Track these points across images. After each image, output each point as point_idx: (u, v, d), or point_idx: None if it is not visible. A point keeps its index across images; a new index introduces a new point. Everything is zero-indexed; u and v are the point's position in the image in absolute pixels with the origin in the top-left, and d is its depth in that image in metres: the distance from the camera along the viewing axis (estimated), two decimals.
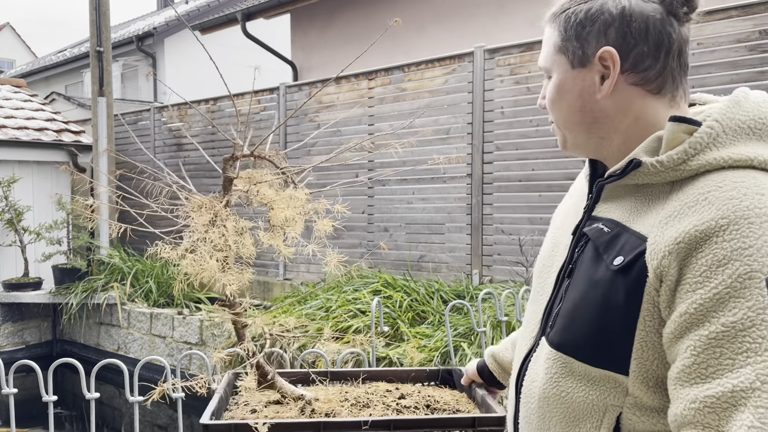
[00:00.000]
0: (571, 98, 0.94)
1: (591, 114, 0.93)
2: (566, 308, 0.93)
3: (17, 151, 7.69)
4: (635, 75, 0.90)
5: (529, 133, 4.85)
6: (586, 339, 0.89)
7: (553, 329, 0.95)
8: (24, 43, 29.51)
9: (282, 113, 6.72)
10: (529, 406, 0.98)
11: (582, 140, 0.97)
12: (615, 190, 0.93)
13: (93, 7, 7.56)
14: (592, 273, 0.89)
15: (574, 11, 0.93)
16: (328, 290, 5.31)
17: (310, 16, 8.58)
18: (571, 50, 0.93)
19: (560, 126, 0.99)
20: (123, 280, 7.05)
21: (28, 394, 5.04)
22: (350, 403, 1.29)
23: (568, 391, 0.91)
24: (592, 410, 0.88)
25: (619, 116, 0.92)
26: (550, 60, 0.97)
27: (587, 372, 0.89)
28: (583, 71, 0.92)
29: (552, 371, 0.93)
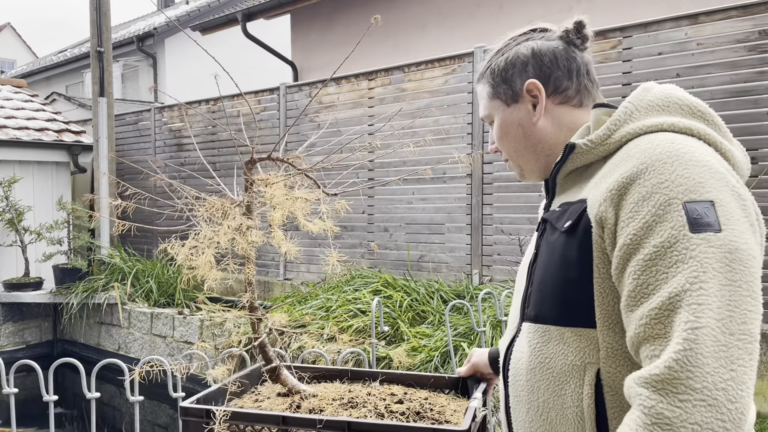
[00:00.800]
0: (513, 129, 1.13)
1: (533, 137, 1.11)
2: (536, 284, 1.05)
3: (18, 151, 7.70)
4: (559, 96, 1.10)
5: None
6: (555, 302, 0.99)
7: (528, 307, 1.06)
8: (25, 43, 29.53)
9: (282, 113, 6.72)
10: (518, 384, 1.06)
11: (533, 163, 1.14)
12: (565, 182, 1.08)
13: (93, 8, 7.56)
14: (549, 243, 1.03)
15: (495, 64, 1.14)
16: (328, 290, 5.31)
17: (311, 16, 8.58)
18: (503, 92, 1.13)
19: (513, 157, 1.16)
20: (123, 279, 7.06)
21: (28, 394, 5.05)
22: (339, 402, 1.30)
23: (550, 356, 0.99)
24: (573, 370, 0.96)
25: (556, 131, 1.10)
26: (488, 108, 1.16)
27: (562, 335, 0.98)
28: (517, 105, 1.12)
29: (533, 342, 1.02)
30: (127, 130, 8.63)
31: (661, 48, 4.22)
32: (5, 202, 7.17)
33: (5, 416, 5.58)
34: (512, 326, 1.14)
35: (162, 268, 7.26)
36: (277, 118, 6.78)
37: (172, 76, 12.83)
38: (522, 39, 1.14)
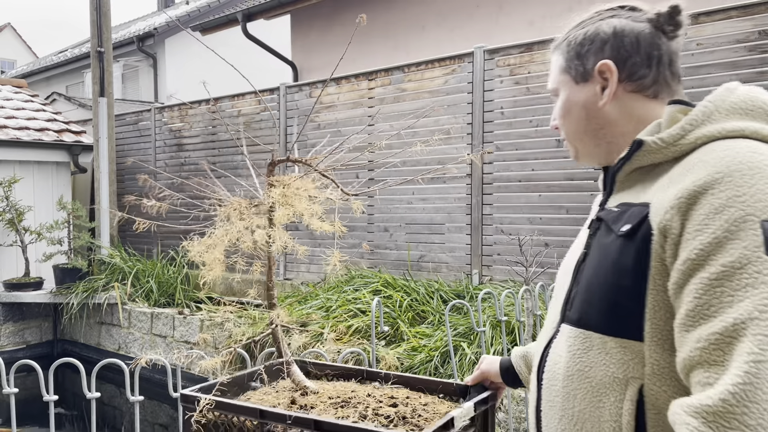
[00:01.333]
0: (577, 110, 1.06)
1: (596, 121, 1.04)
2: (582, 285, 0.98)
3: (18, 151, 7.70)
4: (632, 83, 1.01)
5: (529, 134, 4.86)
6: (601, 309, 0.92)
7: (571, 309, 1.00)
8: (25, 43, 29.54)
9: (282, 113, 6.73)
10: (553, 389, 1.00)
11: (591, 147, 1.07)
12: (627, 179, 1.00)
13: (94, 8, 7.57)
14: (603, 245, 0.96)
15: (573, 36, 1.07)
16: (328, 290, 5.31)
17: (311, 16, 8.58)
18: (574, 68, 1.06)
19: (571, 138, 1.10)
20: (124, 279, 7.06)
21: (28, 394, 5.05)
22: (334, 401, 1.31)
23: (591, 365, 0.93)
24: (614, 383, 0.90)
25: (623, 120, 1.02)
26: (557, 81, 1.10)
27: (605, 344, 0.91)
28: (586, 85, 1.04)
29: (574, 348, 0.96)
30: (128, 130, 8.63)
31: None
32: (5, 202, 7.17)
33: (6, 416, 5.59)
34: (551, 326, 1.08)
35: (162, 268, 7.26)
36: (277, 118, 6.78)
37: (172, 76, 12.83)
38: (607, 15, 1.05)
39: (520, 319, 2.87)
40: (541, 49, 4.82)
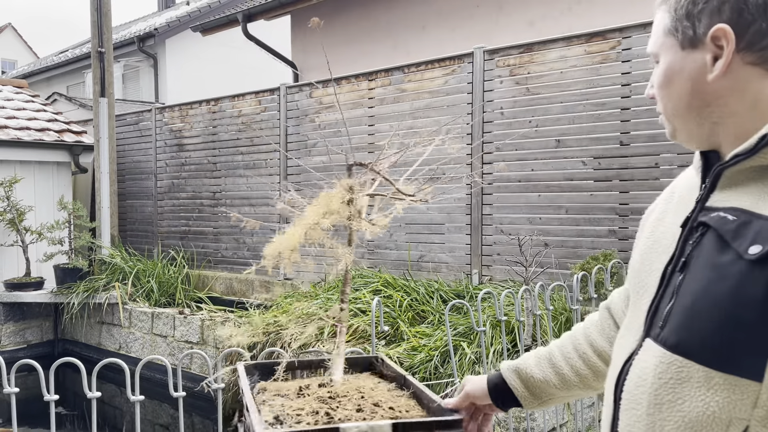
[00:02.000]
0: (680, 81, 0.88)
1: (702, 97, 0.87)
2: (683, 304, 0.83)
3: (19, 151, 7.71)
4: (753, 54, 0.83)
5: (529, 134, 4.86)
6: (710, 339, 0.79)
7: (664, 329, 0.85)
8: (26, 43, 29.56)
9: (283, 114, 6.73)
10: (634, 413, 0.88)
11: (693, 127, 0.90)
12: (735, 176, 0.84)
13: (94, 8, 7.58)
14: (718, 264, 0.80)
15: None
16: (328, 290, 5.32)
17: (311, 17, 8.54)
18: (681, 30, 0.87)
19: (668, 114, 0.92)
20: (124, 279, 7.08)
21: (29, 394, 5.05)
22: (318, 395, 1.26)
23: (685, 398, 0.81)
24: (713, 422, 0.78)
25: (735, 98, 0.84)
26: (659, 44, 0.92)
27: (709, 377, 0.78)
28: (694, 52, 0.86)
29: (666, 376, 0.83)
30: (128, 130, 8.64)
31: None
32: (6, 202, 7.19)
33: (6, 416, 5.60)
34: (632, 337, 0.93)
35: (163, 267, 7.28)
36: (277, 119, 6.79)
37: (173, 76, 12.85)
38: None
39: (519, 318, 2.88)
40: (541, 49, 4.83)
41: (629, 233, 4.42)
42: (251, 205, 7.11)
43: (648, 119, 4.28)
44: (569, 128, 4.65)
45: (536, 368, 1.19)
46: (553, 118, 4.73)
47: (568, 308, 3.97)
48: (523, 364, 1.21)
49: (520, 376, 1.20)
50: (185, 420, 2.31)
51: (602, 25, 4.61)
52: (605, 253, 4.18)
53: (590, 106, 4.57)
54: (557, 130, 4.71)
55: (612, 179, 4.48)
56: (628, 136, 4.40)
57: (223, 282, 7.24)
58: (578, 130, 4.61)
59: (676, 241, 0.89)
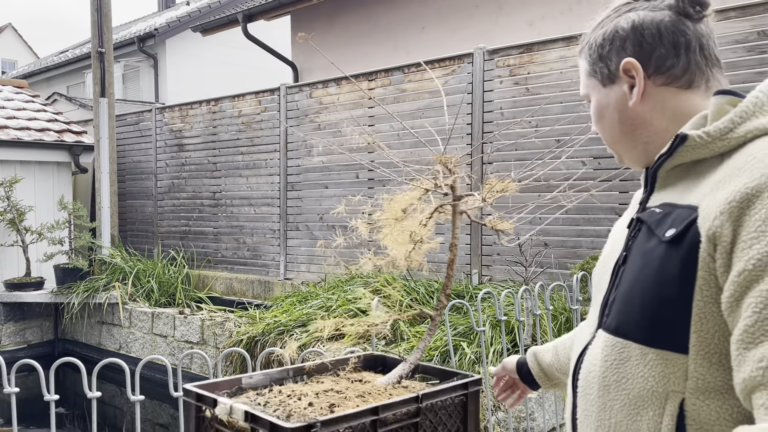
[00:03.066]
0: (608, 113, 1.01)
1: (630, 122, 0.98)
2: (621, 291, 0.92)
3: (19, 151, 7.71)
4: (661, 76, 0.95)
5: (529, 134, 4.86)
6: (642, 318, 0.86)
7: (608, 316, 0.94)
8: (26, 43, 29.56)
9: (283, 114, 6.74)
10: (588, 398, 0.95)
11: (630, 150, 1.01)
12: (668, 177, 0.93)
13: (95, 8, 7.58)
14: (645, 251, 0.89)
15: (594, 38, 1.02)
16: (328, 290, 5.32)
17: (311, 17, 8.59)
18: (599, 71, 1.01)
19: (609, 143, 1.04)
20: (124, 279, 7.08)
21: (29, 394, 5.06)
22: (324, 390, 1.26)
23: (628, 377, 0.88)
24: (653, 397, 0.85)
25: (657, 117, 0.96)
26: (585, 86, 1.05)
27: (645, 355, 0.86)
28: (613, 86, 0.99)
29: (610, 358, 0.91)
30: (128, 130, 8.65)
31: None
32: (6, 202, 7.19)
33: (6, 416, 5.60)
34: (588, 330, 1.02)
35: (163, 267, 7.28)
36: (277, 119, 6.80)
37: (173, 76, 12.85)
38: (624, 9, 0.99)
39: (519, 318, 2.88)
40: (540, 50, 4.83)
41: None
42: (251, 205, 7.12)
43: None
44: (569, 128, 4.65)
45: (547, 354, 1.38)
46: (553, 118, 4.73)
47: (568, 308, 3.97)
48: (540, 348, 1.41)
49: (537, 359, 1.41)
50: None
51: None
52: None
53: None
54: (557, 130, 4.71)
55: (612, 179, 4.49)
56: None
57: (223, 282, 7.25)
58: (578, 130, 4.61)
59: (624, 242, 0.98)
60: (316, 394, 1.23)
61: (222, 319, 5.93)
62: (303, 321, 4.78)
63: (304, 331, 4.59)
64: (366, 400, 1.20)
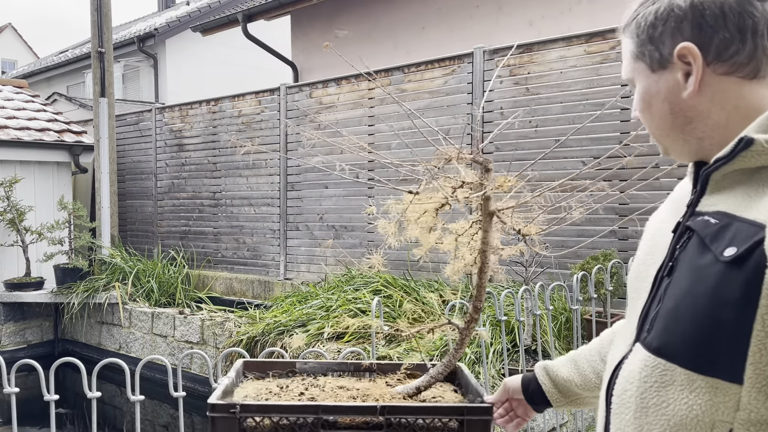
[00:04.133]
0: (658, 102, 0.89)
1: (683, 115, 0.87)
2: (666, 308, 0.83)
3: (19, 151, 7.71)
4: (723, 64, 0.83)
5: (529, 134, 4.86)
6: (691, 342, 0.78)
7: (650, 333, 0.85)
8: (26, 43, 29.56)
9: (283, 114, 6.73)
10: (623, 417, 0.88)
11: (680, 144, 0.90)
12: (723, 180, 0.84)
13: (94, 8, 7.58)
14: (698, 267, 0.80)
15: (643, 15, 0.88)
16: (328, 290, 5.32)
17: (311, 17, 8.59)
18: (648, 54, 0.88)
19: (655, 135, 0.94)
20: (124, 279, 7.08)
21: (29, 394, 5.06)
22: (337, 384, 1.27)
23: (669, 402, 0.80)
24: (697, 425, 0.78)
25: (715, 110, 0.84)
26: (630, 70, 0.93)
27: (691, 380, 0.78)
28: (665, 73, 0.87)
29: (651, 380, 0.83)
30: (128, 130, 8.65)
31: None
32: (6, 202, 7.19)
33: (6, 416, 5.60)
34: (625, 342, 0.93)
35: (163, 267, 7.28)
36: (277, 119, 6.79)
37: (172, 76, 12.85)
38: None
39: (519, 318, 2.88)
40: (540, 50, 4.83)
41: (629, 233, 4.42)
42: (251, 205, 7.12)
43: None
44: (569, 128, 4.65)
45: (563, 368, 1.23)
46: (553, 118, 4.73)
47: (568, 308, 3.98)
48: (553, 363, 1.26)
49: (548, 374, 1.25)
50: (185, 420, 2.32)
51: (602, 25, 4.61)
52: (605, 253, 4.18)
53: (590, 106, 4.57)
54: (557, 130, 4.71)
55: (612, 179, 4.49)
56: (628, 136, 4.40)
57: (223, 282, 7.25)
58: (578, 130, 4.61)
59: (668, 246, 0.89)
60: (332, 388, 1.23)
61: (222, 319, 5.93)
62: (303, 321, 4.77)
63: (305, 331, 4.59)
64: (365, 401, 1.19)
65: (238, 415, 1.01)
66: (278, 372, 1.29)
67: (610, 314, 3.76)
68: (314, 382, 1.28)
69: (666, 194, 1.05)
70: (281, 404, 1.04)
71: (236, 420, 1.01)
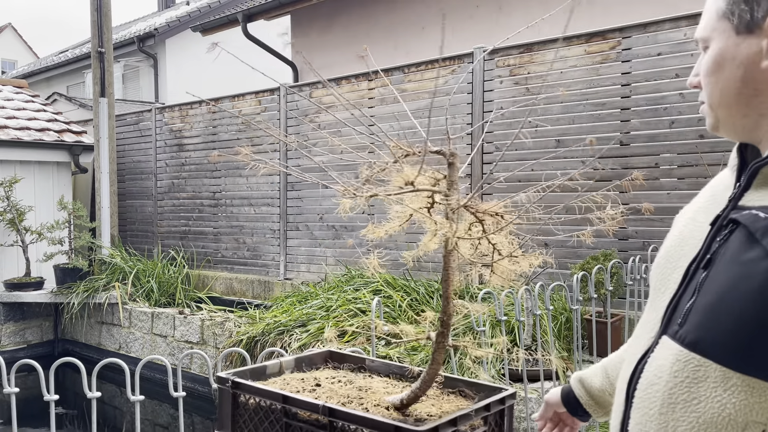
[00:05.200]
0: (731, 67, 0.84)
1: (753, 86, 0.83)
2: (705, 302, 0.80)
3: (19, 151, 7.71)
4: None
5: (529, 134, 4.86)
6: (732, 338, 0.76)
7: (683, 326, 0.82)
8: (26, 43, 29.57)
9: (283, 114, 6.73)
10: (647, 412, 0.85)
11: (738, 118, 0.86)
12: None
13: (94, 8, 7.58)
14: (745, 261, 0.77)
15: None
16: (328, 290, 5.32)
17: (311, 17, 8.59)
18: (738, 14, 0.83)
19: (714, 103, 0.88)
20: (124, 279, 7.08)
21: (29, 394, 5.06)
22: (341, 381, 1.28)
23: (701, 398, 0.78)
24: (728, 424, 0.76)
25: None
26: (710, 28, 0.87)
27: (727, 378, 0.76)
28: (749, 38, 0.82)
29: (682, 374, 0.80)
30: (128, 130, 8.65)
31: (660, 48, 4.23)
32: (6, 202, 7.19)
33: (6, 416, 5.60)
34: (647, 333, 0.91)
35: (163, 267, 7.28)
36: (277, 119, 6.80)
37: (172, 76, 12.84)
38: None
39: (519, 318, 2.88)
40: (540, 49, 4.83)
41: (629, 233, 4.42)
42: (251, 205, 7.12)
43: (648, 119, 4.27)
44: (569, 128, 4.65)
45: (596, 377, 1.21)
46: (553, 118, 4.73)
47: (568, 308, 3.97)
48: (587, 374, 1.23)
49: (583, 386, 1.22)
50: (185, 420, 2.31)
51: (602, 25, 4.61)
52: (605, 253, 4.18)
53: (590, 106, 4.57)
54: (557, 130, 4.71)
55: (612, 179, 4.48)
56: (628, 136, 4.40)
57: (223, 282, 7.25)
58: (578, 130, 4.61)
59: (704, 238, 0.86)
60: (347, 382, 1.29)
61: (222, 319, 5.93)
62: (303, 321, 4.77)
63: (305, 331, 4.59)
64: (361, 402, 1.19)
65: (231, 391, 1.16)
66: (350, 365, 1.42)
67: (610, 314, 3.76)
68: (350, 378, 1.33)
69: (666, 194, 1.05)
70: (258, 387, 1.14)
71: (230, 394, 1.16)
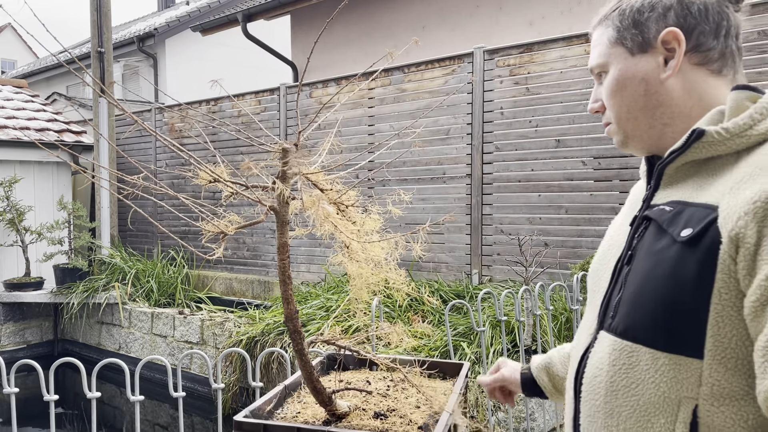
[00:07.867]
0: (633, 84, 0.93)
1: (656, 97, 0.92)
2: (629, 293, 0.87)
3: (19, 151, 7.71)
4: (698, 55, 0.89)
5: (529, 134, 4.86)
6: (653, 321, 0.82)
7: (615, 318, 0.89)
8: (25, 43, 29.57)
9: (282, 114, 6.73)
10: (594, 403, 0.91)
11: (645, 129, 0.94)
12: (676, 174, 0.90)
13: (94, 8, 7.58)
14: (656, 250, 0.85)
15: (628, 3, 0.94)
16: (328, 290, 5.32)
17: (311, 17, 8.59)
18: (630, 38, 0.93)
19: (621, 119, 0.96)
20: (124, 279, 7.07)
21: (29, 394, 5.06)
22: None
23: (637, 382, 0.84)
24: (665, 403, 0.81)
25: (684, 97, 0.90)
26: (606, 55, 0.96)
27: (656, 359, 0.82)
28: (645, 56, 0.92)
29: (618, 362, 0.87)
30: (128, 130, 8.64)
31: None
32: (6, 202, 7.18)
33: (6, 416, 5.59)
34: (587, 332, 0.97)
35: (162, 268, 7.27)
36: (277, 119, 6.79)
37: (172, 76, 12.84)
38: None
39: (519, 318, 2.87)
40: (541, 49, 4.83)
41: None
42: (251, 205, 7.10)
43: None
44: (569, 128, 4.65)
45: (561, 366, 1.27)
46: (553, 118, 4.73)
47: (568, 308, 3.97)
48: (551, 362, 1.29)
49: (548, 375, 1.28)
50: (185, 420, 2.31)
51: None
52: None
53: None
54: (557, 130, 4.71)
55: (612, 179, 4.48)
56: None
57: (223, 282, 7.24)
58: (578, 130, 4.61)
59: (626, 239, 0.94)
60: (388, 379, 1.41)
61: (222, 320, 5.93)
62: (303, 321, 4.77)
63: (305, 331, 4.59)
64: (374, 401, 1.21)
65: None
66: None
67: None
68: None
69: None
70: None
71: None
